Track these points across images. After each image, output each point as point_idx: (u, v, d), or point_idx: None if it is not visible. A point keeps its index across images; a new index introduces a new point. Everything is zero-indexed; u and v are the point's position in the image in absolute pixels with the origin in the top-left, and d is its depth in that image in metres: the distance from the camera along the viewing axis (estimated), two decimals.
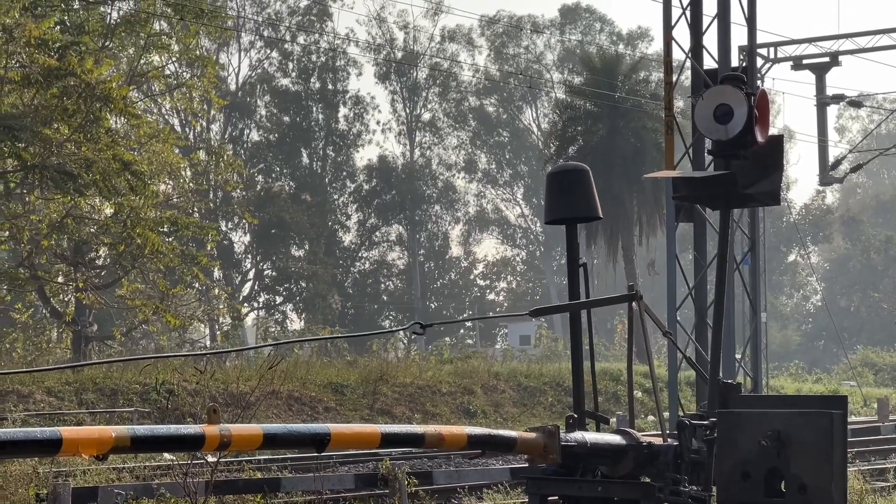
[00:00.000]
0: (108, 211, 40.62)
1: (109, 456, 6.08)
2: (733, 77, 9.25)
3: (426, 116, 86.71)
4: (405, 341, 63.24)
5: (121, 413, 31.26)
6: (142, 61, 45.30)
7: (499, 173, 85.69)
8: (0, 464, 16.53)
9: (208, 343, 59.15)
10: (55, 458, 18.59)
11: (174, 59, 49.66)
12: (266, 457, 24.60)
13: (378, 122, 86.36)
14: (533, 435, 7.64)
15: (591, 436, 8.32)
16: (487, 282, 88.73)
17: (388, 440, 7.46)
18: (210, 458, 16.85)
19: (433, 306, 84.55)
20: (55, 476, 18.32)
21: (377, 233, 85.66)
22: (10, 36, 35.54)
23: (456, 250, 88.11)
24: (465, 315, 79.25)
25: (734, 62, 22.12)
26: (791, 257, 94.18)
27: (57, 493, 14.54)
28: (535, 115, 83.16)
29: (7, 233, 38.77)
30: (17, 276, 40.53)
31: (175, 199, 47.95)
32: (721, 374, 9.85)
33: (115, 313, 47.42)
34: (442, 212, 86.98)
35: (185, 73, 51.57)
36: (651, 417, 33.78)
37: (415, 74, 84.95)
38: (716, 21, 20.67)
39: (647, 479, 8.54)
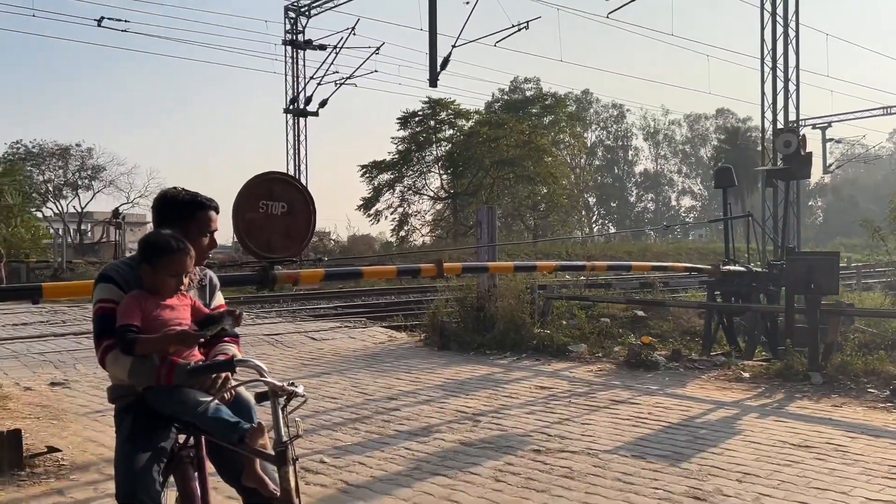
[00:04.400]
0: (544, 190, 47.36)
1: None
2: (790, 129, 11.91)
3: (665, 154, 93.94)
4: (653, 235, 70.58)
5: None
6: (555, 136, 53.18)
7: (691, 174, 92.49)
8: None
9: (579, 234, 61.10)
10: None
11: (568, 135, 57.04)
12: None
13: (644, 157, 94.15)
14: (710, 266, 10.18)
15: (732, 267, 10.06)
16: (686, 213, 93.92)
17: (609, 268, 13.56)
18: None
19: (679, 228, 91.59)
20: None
21: (641, 201, 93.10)
22: (509, 128, 44.34)
23: (674, 202, 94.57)
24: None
25: (790, 124, 21.95)
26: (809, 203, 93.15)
27: (532, 285, 12.95)
28: (706, 151, 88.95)
29: (506, 201, 46.14)
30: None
31: (567, 186, 50.76)
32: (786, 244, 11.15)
33: (548, 226, 51.24)
34: (670, 192, 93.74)
35: (570, 140, 57.96)
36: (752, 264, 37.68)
37: (658, 137, 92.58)
38: (781, 110, 21.82)
39: (755, 284, 9.89)
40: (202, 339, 2.60)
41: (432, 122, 47.48)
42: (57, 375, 8.33)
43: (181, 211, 2.81)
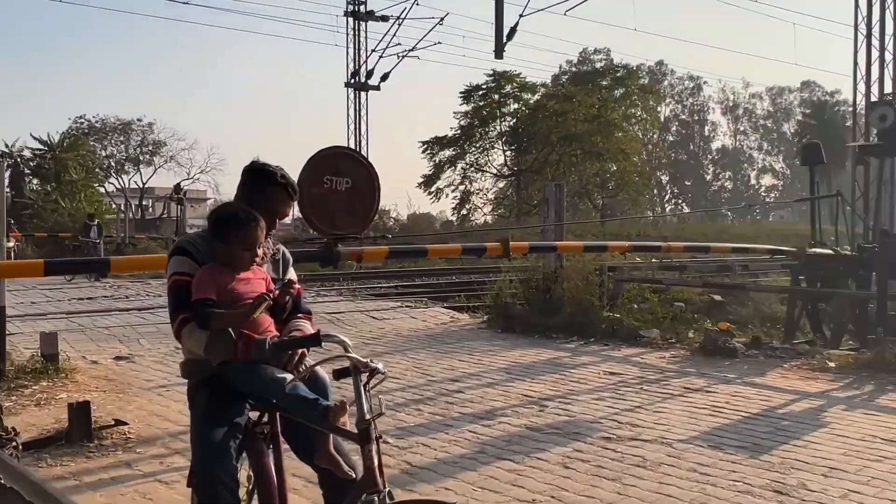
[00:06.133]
0: (614, 168, 47.07)
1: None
2: (886, 102, 11.42)
3: (745, 129, 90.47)
4: (730, 216, 68.83)
5: None
6: (626, 110, 52.14)
7: (773, 151, 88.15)
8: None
9: (651, 214, 60.62)
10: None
11: (640, 109, 55.92)
12: None
13: (722, 133, 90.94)
14: (795, 249, 10.20)
15: (818, 250, 10.11)
16: (767, 193, 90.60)
17: (686, 249, 13.21)
18: None
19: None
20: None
21: (718, 179, 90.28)
22: (578, 101, 44.02)
23: (753, 181, 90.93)
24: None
25: (885, 97, 19.58)
26: None
27: (602, 266, 11.91)
28: (789, 126, 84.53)
29: (573, 178, 45.37)
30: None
31: (638, 163, 50.43)
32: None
33: (618, 206, 50.80)
34: (749, 170, 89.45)
35: (643, 114, 56.86)
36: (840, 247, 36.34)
37: (738, 111, 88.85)
38: (876, 82, 20.58)
39: (843, 269, 9.79)
40: (269, 302, 2.61)
41: (496, 96, 47.24)
42: (122, 350, 8.67)
43: (253, 180, 2.88)
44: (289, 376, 2.56)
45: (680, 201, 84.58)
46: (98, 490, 4.26)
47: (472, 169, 49.10)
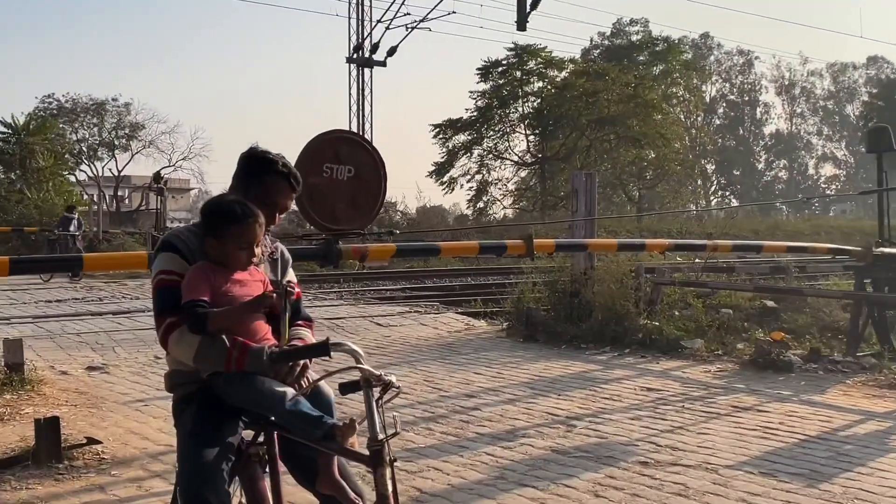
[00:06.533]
0: (652, 155, 47.15)
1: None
2: None
3: (802, 112, 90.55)
4: (785, 210, 70.26)
5: None
6: (666, 89, 52.81)
7: (834, 136, 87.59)
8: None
9: (694, 208, 60.69)
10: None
11: (682, 88, 56.90)
12: None
13: (777, 115, 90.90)
14: (860, 248, 10.12)
15: (888, 249, 9.88)
16: (827, 184, 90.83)
17: (735, 249, 15.24)
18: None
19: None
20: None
21: (771, 168, 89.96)
22: (611, 79, 44.39)
23: (812, 171, 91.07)
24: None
25: None
26: None
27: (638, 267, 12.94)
28: (853, 108, 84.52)
29: (606, 167, 46.21)
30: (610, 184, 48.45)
31: (680, 149, 51.07)
32: None
33: (656, 199, 52.43)
34: (807, 157, 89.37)
35: (685, 94, 57.99)
36: None
37: (794, 91, 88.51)
38: None
39: None
40: (274, 296, 2.63)
41: (518, 73, 47.31)
42: (94, 359, 8.74)
43: (251, 169, 2.88)
44: (290, 391, 2.55)
45: (727, 193, 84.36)
46: None
47: (491, 156, 49.21)
